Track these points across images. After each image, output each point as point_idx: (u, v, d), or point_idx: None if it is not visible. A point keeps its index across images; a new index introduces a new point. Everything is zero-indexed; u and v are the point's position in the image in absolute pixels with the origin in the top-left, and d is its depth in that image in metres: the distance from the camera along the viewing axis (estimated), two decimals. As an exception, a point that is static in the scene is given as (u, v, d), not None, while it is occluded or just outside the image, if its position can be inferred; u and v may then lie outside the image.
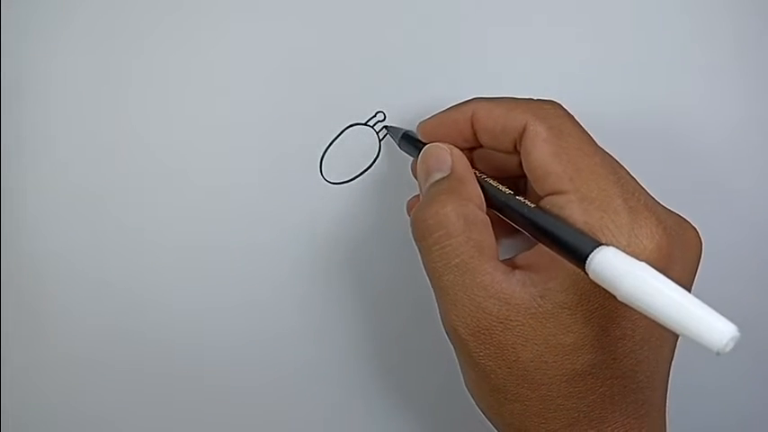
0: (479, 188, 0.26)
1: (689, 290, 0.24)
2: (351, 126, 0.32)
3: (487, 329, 0.24)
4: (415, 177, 0.30)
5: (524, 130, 0.25)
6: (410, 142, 0.30)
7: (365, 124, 0.32)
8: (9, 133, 0.31)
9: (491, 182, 0.26)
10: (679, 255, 0.24)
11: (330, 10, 0.31)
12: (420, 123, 0.29)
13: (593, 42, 0.32)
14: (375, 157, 0.32)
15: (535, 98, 0.27)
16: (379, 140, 0.32)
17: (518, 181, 0.29)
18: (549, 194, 0.25)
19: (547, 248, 0.24)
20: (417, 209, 0.26)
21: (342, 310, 0.33)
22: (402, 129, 0.31)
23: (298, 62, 0.31)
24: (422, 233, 0.25)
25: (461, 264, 0.24)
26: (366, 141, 0.32)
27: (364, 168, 0.32)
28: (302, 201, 0.32)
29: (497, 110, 0.26)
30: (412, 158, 0.30)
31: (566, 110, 0.26)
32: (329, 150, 0.32)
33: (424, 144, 0.29)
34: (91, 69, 0.31)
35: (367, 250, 0.33)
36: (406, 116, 0.32)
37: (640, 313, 0.20)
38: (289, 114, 0.31)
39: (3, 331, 0.32)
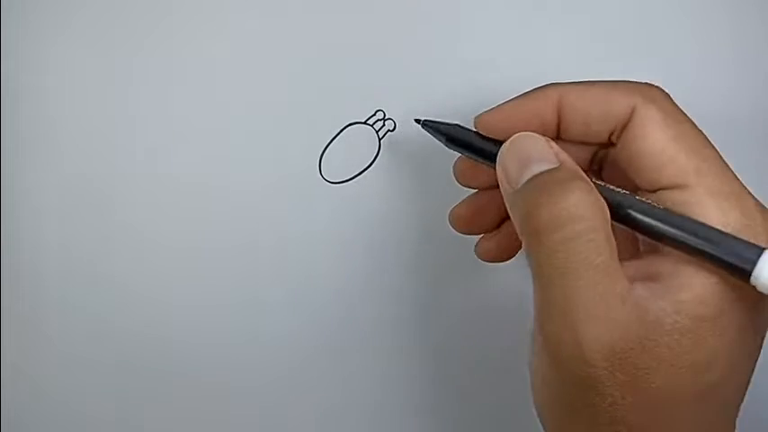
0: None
1: None
2: (350, 125, 0.32)
3: (624, 352, 0.20)
4: (462, 181, 0.28)
5: (632, 114, 0.22)
6: (465, 138, 0.26)
7: (365, 123, 0.32)
8: (9, 133, 0.31)
9: (599, 181, 0.23)
10: None
11: (330, 9, 0.31)
12: (481, 116, 0.25)
13: (592, 42, 0.32)
14: (375, 156, 0.32)
15: (630, 80, 0.23)
16: (379, 139, 0.32)
17: None
18: (664, 188, 0.22)
19: (672, 254, 0.21)
20: (532, 200, 0.21)
21: (341, 310, 0.33)
22: (448, 123, 0.27)
23: (297, 61, 0.31)
24: (554, 224, 0.20)
25: (602, 265, 0.20)
26: (366, 141, 0.32)
27: (364, 168, 0.32)
28: (301, 200, 0.32)
29: (593, 93, 0.23)
30: (458, 156, 0.27)
31: (669, 94, 0.23)
32: (329, 149, 0.32)
33: (486, 140, 0.25)
34: (91, 69, 0.31)
35: (367, 250, 0.33)
36: (405, 116, 0.32)
37: None
38: (288, 114, 0.31)
39: (3, 331, 0.32)
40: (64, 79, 0.31)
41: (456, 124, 0.27)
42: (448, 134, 0.27)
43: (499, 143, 0.24)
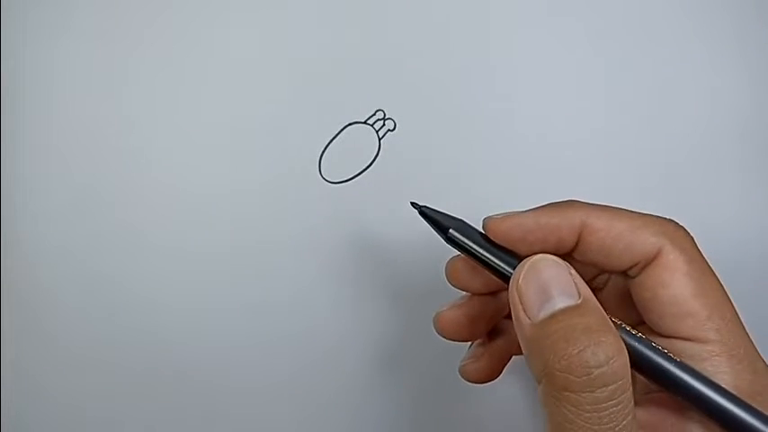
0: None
1: None
2: (350, 125, 0.31)
3: None
4: (455, 283, 0.26)
5: (657, 255, 0.22)
6: (467, 239, 0.23)
7: (365, 123, 0.32)
8: (9, 133, 0.31)
9: (614, 319, 0.22)
10: None
11: (330, 10, 0.31)
12: (492, 219, 0.23)
13: (591, 42, 0.32)
14: (374, 156, 0.32)
15: (655, 215, 0.23)
16: (379, 139, 0.32)
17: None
18: (680, 338, 0.21)
19: (677, 405, 0.21)
20: (568, 347, 0.20)
21: (341, 310, 0.33)
22: (450, 216, 0.24)
23: (298, 61, 0.31)
24: (591, 383, 0.19)
25: (627, 426, 0.19)
26: (366, 140, 0.32)
27: (364, 167, 0.32)
28: (301, 200, 0.32)
29: (621, 225, 0.22)
30: (457, 253, 0.24)
31: (692, 236, 0.23)
32: (328, 149, 0.32)
33: (492, 246, 0.23)
34: (92, 71, 0.31)
35: (366, 250, 0.33)
36: (405, 116, 0.32)
37: None
38: (288, 113, 0.31)
39: (3, 331, 0.32)
40: (64, 80, 0.31)
41: (460, 220, 0.24)
42: (450, 235, 0.24)
43: (509, 254, 0.23)
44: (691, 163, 0.33)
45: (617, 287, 0.24)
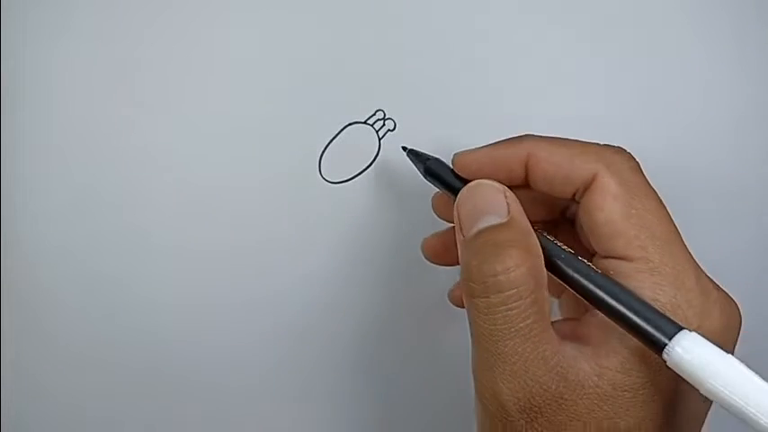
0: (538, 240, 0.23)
1: None
2: (350, 125, 0.32)
3: (539, 407, 0.21)
4: (439, 214, 0.29)
5: (593, 181, 0.23)
6: (438, 174, 0.27)
7: (365, 123, 0.32)
8: (9, 133, 0.31)
9: (546, 235, 0.24)
10: (732, 337, 0.23)
11: (330, 9, 0.31)
12: (458, 155, 0.26)
13: (591, 41, 0.32)
14: (375, 156, 0.32)
15: (601, 143, 0.24)
16: (379, 139, 0.32)
17: (555, 225, 0.28)
18: (611, 257, 0.23)
19: (605, 319, 0.22)
20: (474, 258, 0.22)
21: (341, 310, 0.33)
22: (428, 155, 0.28)
23: (297, 61, 0.31)
24: (487, 289, 0.22)
25: (525, 329, 0.21)
26: (366, 140, 0.32)
27: (364, 167, 0.32)
28: (301, 200, 0.32)
29: (560, 153, 0.24)
30: (436, 190, 0.28)
31: (636, 161, 0.24)
32: (328, 149, 0.32)
33: (458, 178, 0.26)
34: (91, 69, 0.31)
35: (366, 249, 0.33)
36: (405, 116, 0.32)
37: (703, 396, 0.19)
38: (288, 113, 0.31)
39: (3, 331, 0.32)
40: (64, 79, 0.31)
41: (436, 158, 0.27)
42: (426, 166, 0.28)
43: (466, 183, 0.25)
44: (688, 161, 0.33)
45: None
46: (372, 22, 0.31)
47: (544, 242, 0.23)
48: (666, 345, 0.20)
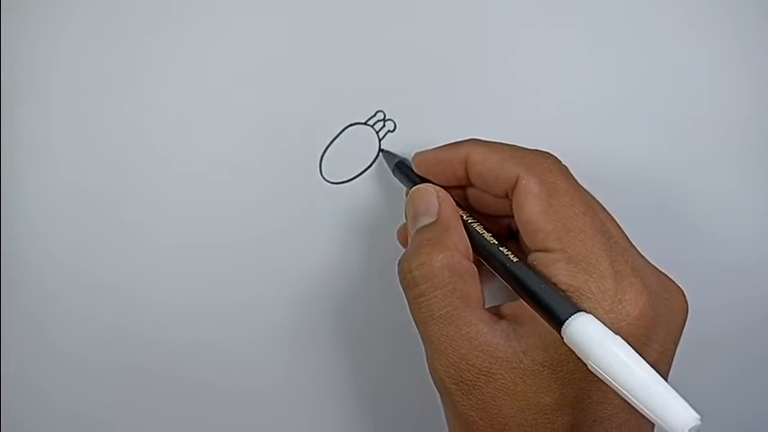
0: (466, 235, 0.26)
1: (672, 354, 0.25)
2: (350, 126, 0.32)
3: (470, 381, 0.24)
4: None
5: (516, 182, 0.25)
6: (403, 173, 0.30)
7: (365, 124, 0.32)
8: (9, 133, 0.31)
9: (477, 228, 0.26)
10: (663, 320, 0.24)
11: (330, 9, 0.31)
12: (416, 155, 0.29)
13: (591, 41, 0.32)
14: (375, 156, 0.32)
15: (531, 148, 0.26)
16: (379, 140, 0.32)
17: (511, 221, 0.29)
18: (536, 250, 0.25)
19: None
20: (404, 258, 0.26)
21: (341, 309, 0.33)
22: (398, 156, 0.31)
23: (298, 61, 0.31)
24: (407, 284, 0.25)
25: (446, 315, 0.24)
26: (366, 141, 0.32)
27: (364, 168, 0.32)
28: (302, 200, 0.32)
29: (492, 157, 0.26)
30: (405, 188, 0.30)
31: (560, 163, 0.26)
32: (329, 150, 0.32)
33: (417, 177, 0.29)
34: (90, 69, 0.31)
35: (366, 249, 0.33)
36: (405, 116, 0.32)
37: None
38: (288, 114, 0.31)
39: (3, 331, 0.32)
40: (64, 79, 0.31)
41: (403, 159, 0.30)
42: (394, 166, 0.30)
43: (424, 182, 0.28)
44: (690, 161, 0.33)
45: None
46: (372, 22, 0.31)
47: (475, 235, 0.26)
48: (563, 324, 0.21)
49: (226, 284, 0.32)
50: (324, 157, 0.32)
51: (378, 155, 0.32)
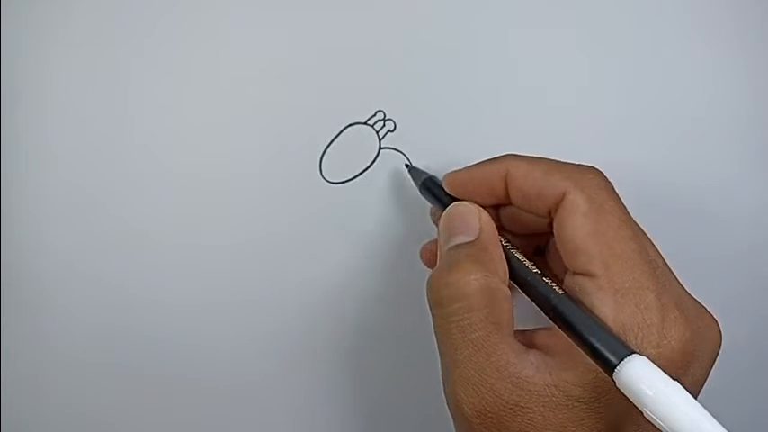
0: (504, 259, 0.25)
1: (702, 384, 0.24)
2: (350, 125, 0.32)
3: (495, 413, 0.22)
4: (435, 224, 0.30)
5: (563, 198, 0.24)
6: (433, 190, 0.29)
7: (365, 124, 0.32)
8: (9, 133, 0.31)
9: (518, 255, 0.25)
10: (699, 353, 0.23)
11: (330, 9, 0.31)
12: (447, 175, 0.28)
13: (590, 41, 0.32)
14: (375, 156, 0.32)
15: (576, 163, 0.25)
16: (379, 140, 0.32)
17: (543, 238, 0.29)
18: (578, 273, 0.23)
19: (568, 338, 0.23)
20: (437, 273, 0.24)
21: (341, 310, 0.33)
22: (425, 173, 0.30)
23: (297, 61, 0.31)
24: (440, 300, 0.24)
25: (477, 340, 0.23)
26: (366, 141, 0.32)
27: (364, 168, 0.32)
28: (302, 201, 0.32)
29: (535, 172, 0.25)
30: (431, 205, 0.29)
31: (607, 180, 0.25)
32: (329, 150, 0.32)
33: (448, 195, 0.28)
34: (90, 68, 0.31)
35: (366, 249, 0.33)
36: (405, 116, 0.32)
37: None
38: (288, 114, 0.31)
39: (3, 331, 0.32)
40: (63, 79, 0.31)
41: (431, 176, 0.29)
42: (422, 183, 0.30)
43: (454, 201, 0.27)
44: (690, 161, 0.33)
45: None
46: (373, 23, 0.31)
47: (514, 262, 0.25)
48: (616, 366, 0.20)
49: (225, 284, 0.32)
50: (324, 157, 0.32)
51: (377, 155, 0.32)
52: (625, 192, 0.32)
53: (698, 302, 0.25)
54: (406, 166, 0.31)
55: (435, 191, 0.29)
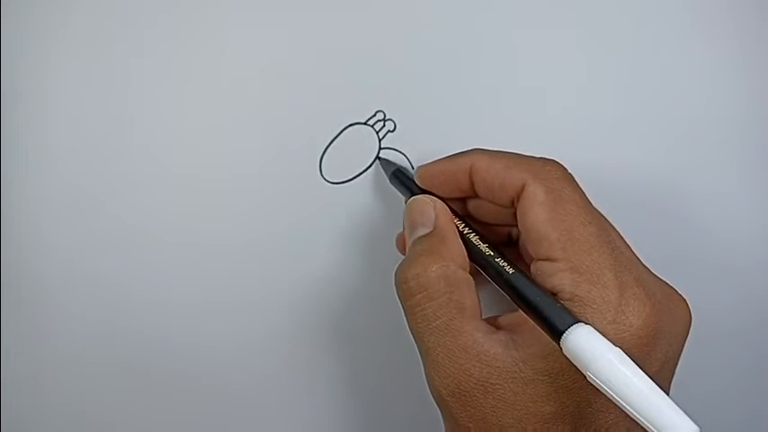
0: (462, 245, 0.26)
1: (675, 363, 0.25)
2: (350, 126, 0.32)
3: (468, 392, 0.23)
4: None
5: (522, 189, 0.25)
6: (401, 182, 0.30)
7: (365, 124, 0.32)
8: (9, 133, 0.31)
9: (474, 239, 0.26)
10: (666, 330, 0.24)
11: (330, 9, 0.31)
12: (419, 168, 0.29)
13: (590, 41, 0.32)
14: (375, 156, 0.32)
15: (537, 156, 0.26)
16: (379, 140, 0.32)
17: (512, 230, 0.29)
18: (540, 259, 0.25)
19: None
20: (400, 269, 0.26)
21: (341, 309, 0.33)
22: (395, 164, 0.31)
23: (297, 61, 0.31)
24: (404, 294, 0.25)
25: (442, 326, 0.24)
26: (366, 141, 0.32)
27: (364, 168, 0.32)
28: (302, 201, 0.32)
29: (496, 165, 0.26)
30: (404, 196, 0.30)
31: (566, 171, 0.26)
32: (329, 150, 0.32)
33: (416, 186, 0.29)
34: (90, 68, 0.31)
35: (366, 250, 0.33)
36: (405, 116, 0.32)
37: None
38: (288, 114, 0.31)
39: (3, 331, 0.32)
40: (63, 79, 0.31)
41: (398, 168, 0.31)
42: (391, 174, 0.31)
43: (425, 194, 0.28)
44: (688, 161, 0.33)
45: None
46: (373, 23, 0.31)
47: (472, 246, 0.26)
48: (562, 334, 0.21)
49: (225, 284, 0.32)
50: (324, 157, 0.32)
51: (377, 155, 0.32)
52: (623, 191, 0.32)
53: (665, 283, 0.26)
54: (378, 158, 0.32)
55: (405, 182, 0.30)
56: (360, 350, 0.34)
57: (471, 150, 0.27)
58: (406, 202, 0.30)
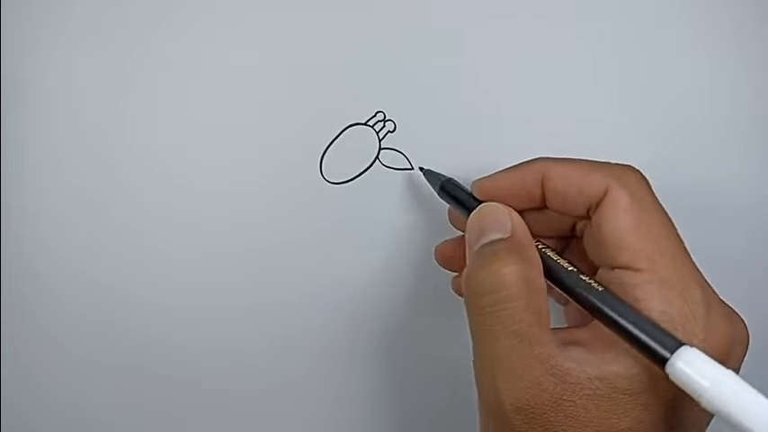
0: (539, 257, 0.24)
1: None
2: (351, 126, 0.32)
3: (538, 408, 0.22)
4: (455, 225, 0.30)
5: (604, 195, 0.24)
6: (455, 193, 0.29)
7: (365, 124, 0.32)
8: (9, 133, 0.31)
9: (551, 254, 0.25)
10: (734, 351, 0.23)
11: (330, 10, 0.31)
12: (477, 182, 0.28)
13: (590, 42, 0.32)
14: (375, 157, 0.32)
15: (612, 162, 0.25)
16: (379, 140, 0.32)
17: (567, 241, 0.29)
18: (619, 267, 0.23)
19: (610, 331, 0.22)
20: (474, 265, 0.24)
21: (342, 310, 0.33)
22: (443, 175, 0.30)
23: (297, 62, 0.31)
24: (478, 291, 0.23)
25: (520, 331, 0.22)
26: (366, 141, 0.32)
27: (364, 168, 0.32)
28: (302, 201, 0.32)
29: (574, 172, 0.25)
30: (450, 206, 0.29)
31: (645, 178, 0.25)
32: (329, 151, 0.32)
33: (472, 198, 0.28)
34: (91, 71, 0.31)
35: (367, 250, 0.33)
36: (405, 116, 0.32)
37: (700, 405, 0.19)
38: (288, 114, 0.31)
39: (3, 331, 0.32)
40: (64, 80, 0.31)
41: (449, 178, 0.29)
42: (442, 185, 0.29)
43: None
44: (689, 161, 0.33)
45: (590, 239, 0.26)
46: (372, 24, 0.31)
47: (549, 261, 0.24)
48: (668, 359, 0.20)
49: (225, 284, 0.32)
50: (324, 158, 0.32)
51: (378, 155, 0.32)
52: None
53: (727, 304, 0.25)
54: (421, 169, 0.31)
55: (456, 193, 0.28)
56: (360, 349, 0.34)
57: (537, 159, 0.26)
58: (450, 214, 0.30)
